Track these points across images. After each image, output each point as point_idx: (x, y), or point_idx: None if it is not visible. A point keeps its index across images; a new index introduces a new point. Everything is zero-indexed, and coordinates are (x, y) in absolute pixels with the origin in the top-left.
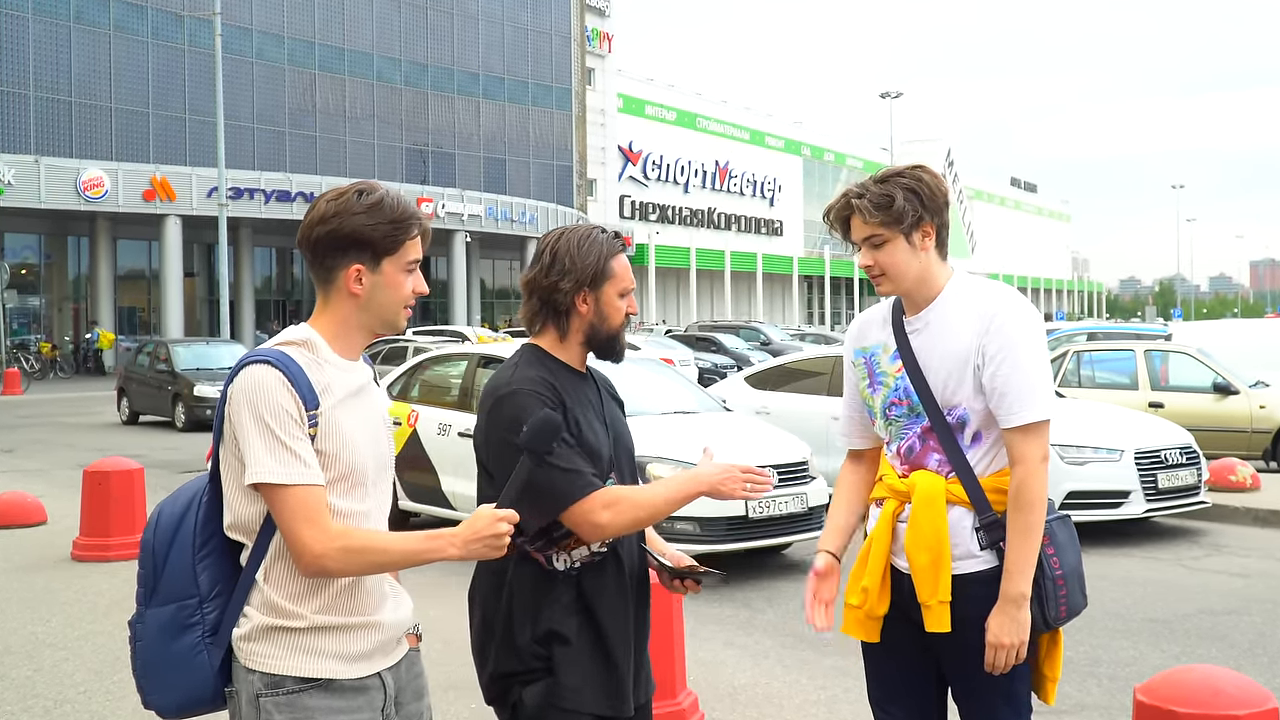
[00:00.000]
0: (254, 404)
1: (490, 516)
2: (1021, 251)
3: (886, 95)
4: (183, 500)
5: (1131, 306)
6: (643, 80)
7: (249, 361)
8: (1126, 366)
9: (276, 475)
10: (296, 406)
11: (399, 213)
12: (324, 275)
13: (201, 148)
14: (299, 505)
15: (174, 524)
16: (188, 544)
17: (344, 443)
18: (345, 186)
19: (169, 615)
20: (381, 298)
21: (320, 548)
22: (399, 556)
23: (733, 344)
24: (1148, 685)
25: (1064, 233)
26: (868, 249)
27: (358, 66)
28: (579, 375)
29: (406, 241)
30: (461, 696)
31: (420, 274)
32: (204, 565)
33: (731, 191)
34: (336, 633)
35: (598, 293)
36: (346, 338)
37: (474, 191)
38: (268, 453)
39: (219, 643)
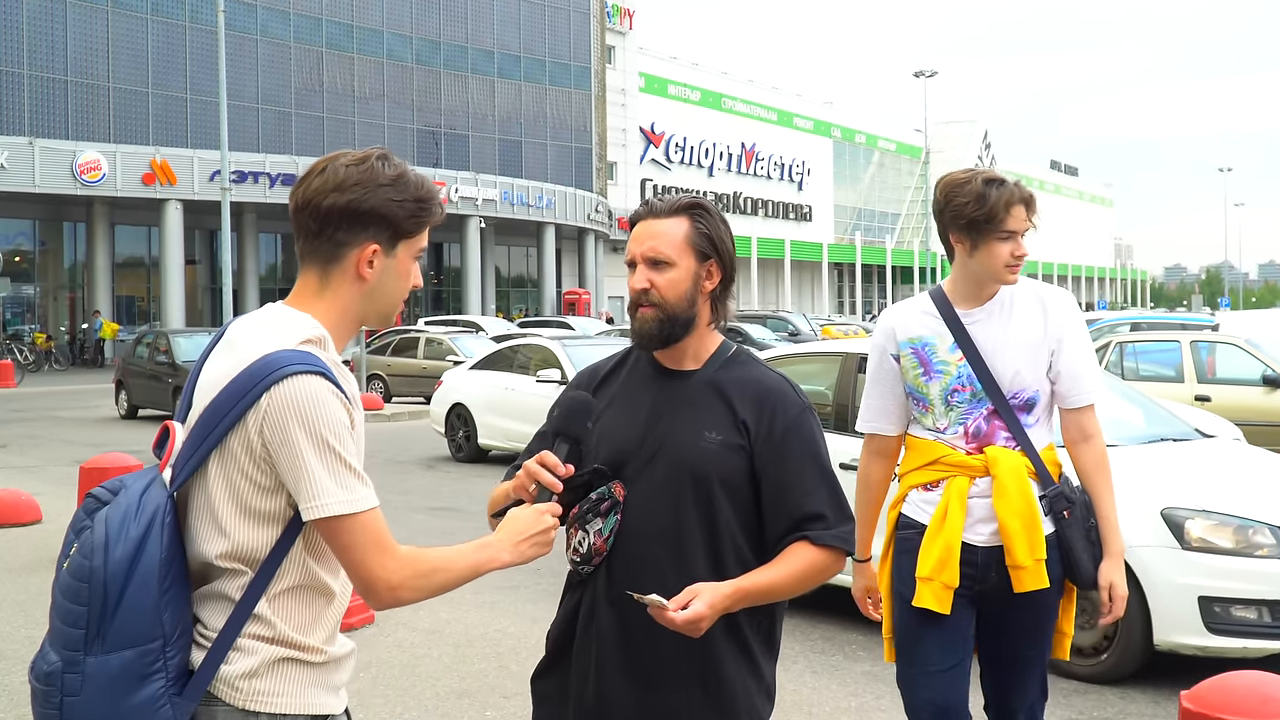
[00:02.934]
0: (311, 421)
1: (534, 512)
2: (1062, 238)
3: (921, 74)
4: (138, 519)
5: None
6: (665, 58)
7: (294, 370)
8: (1171, 358)
9: (346, 505)
10: (350, 420)
11: (424, 190)
12: (329, 251)
13: (203, 129)
14: (367, 533)
15: (132, 551)
16: (152, 576)
17: (360, 457)
18: (362, 152)
19: (124, 664)
20: (389, 286)
21: (397, 578)
22: (463, 571)
23: (759, 335)
24: (1194, 692)
25: (1106, 218)
26: (1019, 240)
27: (367, 44)
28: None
29: (428, 224)
30: (474, 705)
31: (418, 266)
32: (168, 601)
33: (758, 175)
34: (335, 665)
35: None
36: (343, 332)
37: (489, 175)
38: (332, 478)
39: (187, 695)
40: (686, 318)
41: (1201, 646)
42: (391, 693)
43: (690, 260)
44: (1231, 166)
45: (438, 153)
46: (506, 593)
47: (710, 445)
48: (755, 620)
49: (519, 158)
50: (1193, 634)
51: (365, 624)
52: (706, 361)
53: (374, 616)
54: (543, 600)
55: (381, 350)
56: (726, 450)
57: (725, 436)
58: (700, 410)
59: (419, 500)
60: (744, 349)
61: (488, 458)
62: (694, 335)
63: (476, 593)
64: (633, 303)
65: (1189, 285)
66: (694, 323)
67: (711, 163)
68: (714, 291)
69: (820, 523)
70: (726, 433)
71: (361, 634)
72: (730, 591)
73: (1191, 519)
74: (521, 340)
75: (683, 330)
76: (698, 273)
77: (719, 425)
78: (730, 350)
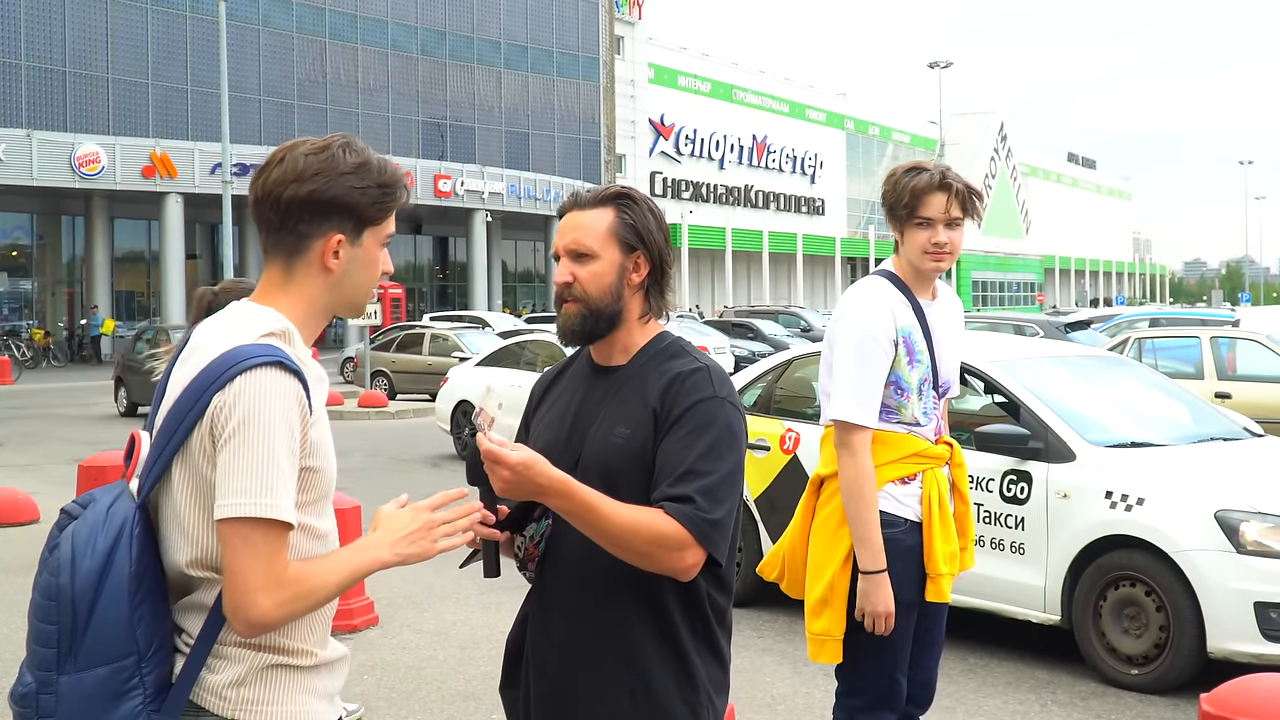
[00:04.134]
0: (264, 422)
1: (411, 510)
2: (1079, 232)
3: (935, 65)
4: (106, 532)
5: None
6: (675, 49)
7: (255, 363)
8: (1191, 354)
9: (258, 509)
10: (303, 425)
11: (388, 175)
12: (292, 244)
13: (204, 121)
14: (264, 546)
15: (100, 565)
16: (122, 590)
17: (327, 455)
18: (323, 139)
19: (99, 682)
20: (357, 276)
21: (270, 602)
22: (342, 581)
23: (771, 330)
24: (1215, 695)
25: (1124, 212)
26: (946, 228)
27: (371, 34)
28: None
29: (393, 210)
30: (481, 708)
31: (388, 252)
32: (141, 614)
33: (770, 168)
34: (327, 669)
35: None
36: (312, 324)
37: (495, 168)
38: (257, 480)
39: (166, 709)
40: (611, 311)
41: (1257, 654)
42: (396, 696)
43: (614, 252)
44: (1252, 159)
45: (443, 145)
46: (514, 594)
47: (617, 440)
48: (690, 621)
49: (526, 150)
50: (1248, 641)
51: (369, 625)
52: (634, 355)
53: (378, 618)
54: None
55: (386, 346)
56: (632, 444)
57: (633, 430)
58: (617, 406)
59: (424, 499)
60: (679, 341)
61: None
62: (622, 330)
63: (483, 593)
64: (557, 297)
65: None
66: (620, 316)
67: (722, 155)
68: (644, 284)
69: (683, 504)
70: (636, 426)
71: (365, 636)
72: (561, 479)
73: (1246, 521)
74: (529, 336)
75: (608, 325)
76: (623, 265)
77: (630, 420)
78: (664, 343)
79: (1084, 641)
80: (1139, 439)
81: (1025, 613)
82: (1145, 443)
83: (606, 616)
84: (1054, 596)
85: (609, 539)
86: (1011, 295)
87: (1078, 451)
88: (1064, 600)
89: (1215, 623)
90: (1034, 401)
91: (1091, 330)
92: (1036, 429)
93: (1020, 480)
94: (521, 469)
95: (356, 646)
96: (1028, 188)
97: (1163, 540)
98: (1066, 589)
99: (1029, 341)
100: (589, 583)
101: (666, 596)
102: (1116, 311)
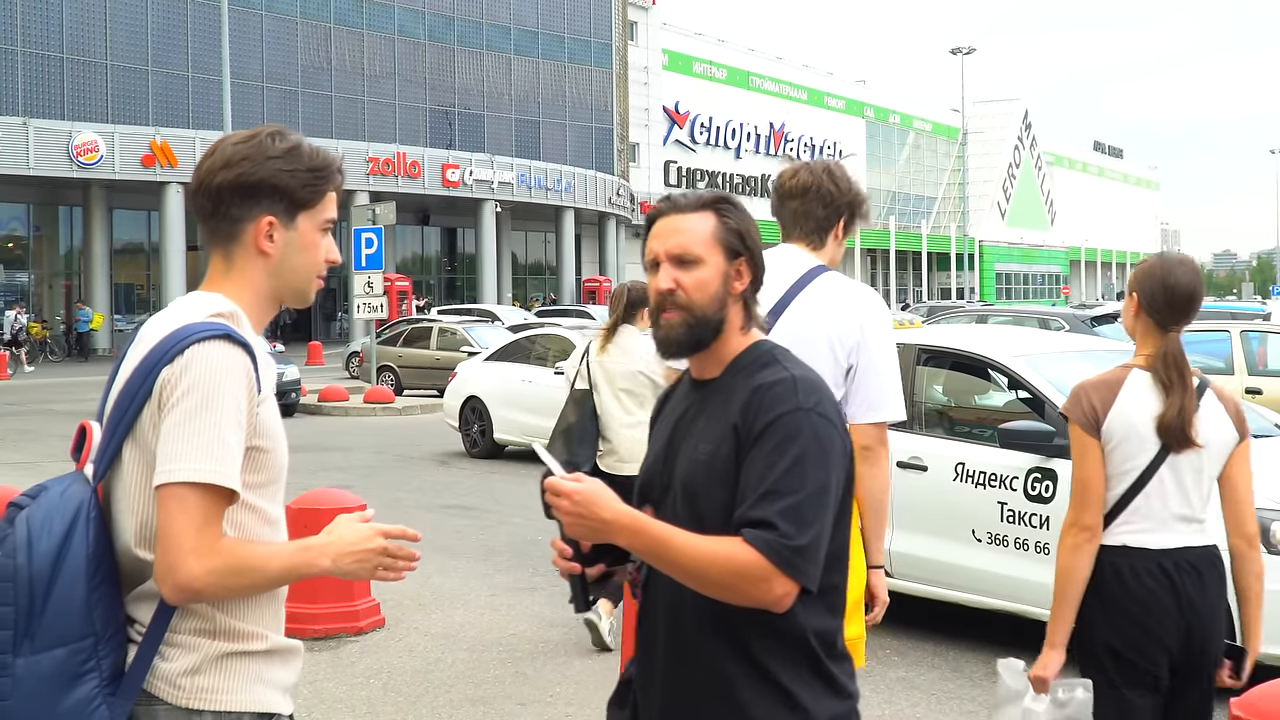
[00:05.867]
0: (211, 390)
1: (369, 529)
2: (1106, 222)
3: (958, 51)
4: (61, 514)
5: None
6: (690, 35)
7: (203, 335)
8: (1221, 349)
9: (197, 474)
10: (250, 401)
11: (319, 160)
12: (227, 229)
13: (206, 109)
14: (199, 511)
15: (57, 545)
16: (79, 571)
17: (278, 437)
18: (251, 130)
19: (55, 664)
20: (295, 260)
21: (201, 568)
22: (277, 573)
23: None
24: (1245, 699)
25: (1152, 202)
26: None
27: (377, 19)
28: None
29: (327, 193)
30: (490, 713)
31: (333, 240)
32: (98, 597)
33: (788, 156)
34: (280, 657)
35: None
36: (259, 310)
37: (504, 157)
38: (200, 449)
39: (122, 694)
40: (716, 321)
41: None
42: (403, 700)
43: (719, 258)
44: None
45: (451, 134)
46: (523, 595)
47: (700, 458)
48: (788, 653)
49: (536, 139)
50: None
51: (375, 627)
52: (727, 367)
53: (384, 620)
54: (560, 603)
55: (393, 341)
56: (714, 462)
57: (715, 447)
58: (705, 422)
59: (430, 498)
60: (774, 350)
61: (504, 453)
62: (722, 340)
63: (492, 594)
64: (656, 306)
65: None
66: (722, 326)
67: (738, 144)
68: (744, 292)
69: (764, 529)
70: (718, 442)
71: (371, 638)
72: (626, 513)
73: (1278, 521)
74: (539, 330)
75: (711, 335)
76: (727, 272)
77: (714, 436)
78: (756, 353)
79: None
80: None
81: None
82: None
83: (697, 652)
84: None
85: (687, 574)
86: (1036, 288)
87: None
88: None
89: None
90: (1059, 397)
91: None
92: (1061, 426)
93: (1045, 478)
94: (580, 501)
95: (362, 649)
96: (1053, 177)
97: None
98: None
99: (1054, 336)
100: (679, 613)
101: (749, 630)
102: None
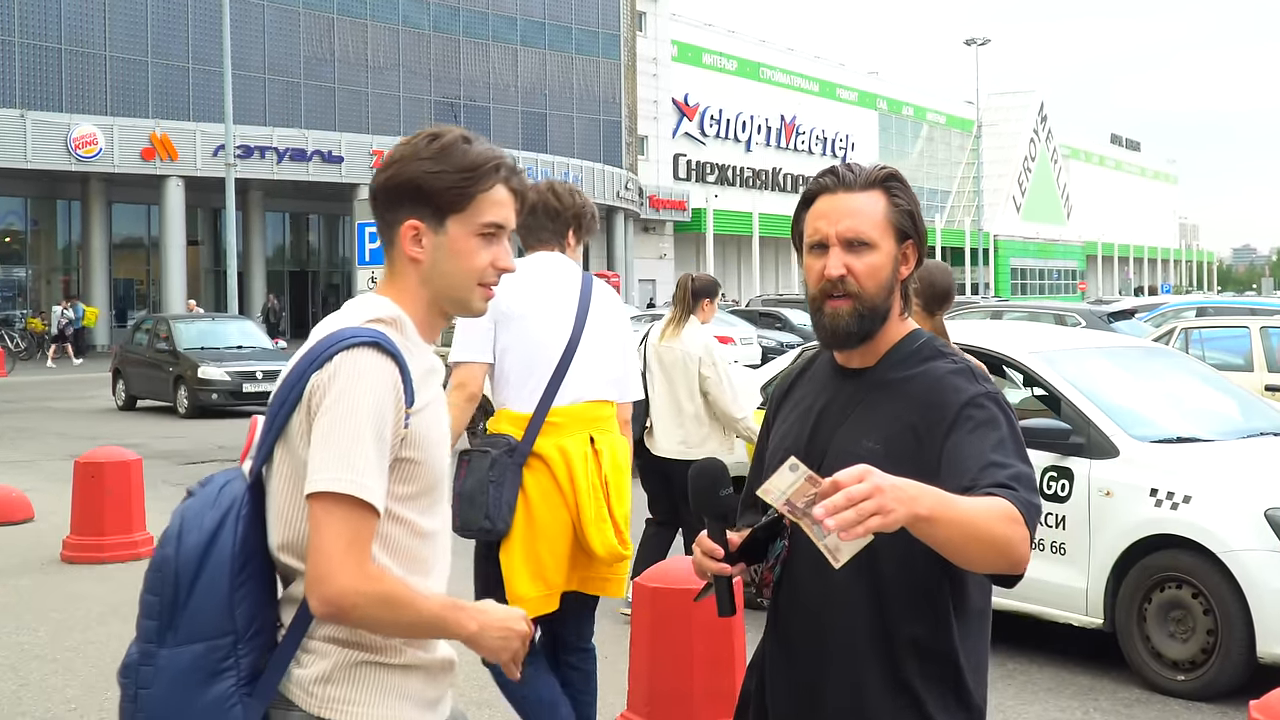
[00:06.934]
0: (355, 402)
1: (518, 615)
2: (1123, 217)
3: (972, 42)
4: (215, 509)
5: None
6: (700, 25)
7: (352, 342)
8: (1240, 345)
9: (340, 484)
10: (397, 411)
11: (469, 160)
12: (385, 233)
13: (206, 101)
14: (347, 524)
15: (205, 540)
16: (224, 567)
17: (434, 449)
18: (428, 129)
19: (194, 658)
20: (445, 267)
21: (352, 584)
22: (427, 618)
23: (800, 320)
24: (1265, 702)
25: (1170, 196)
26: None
27: (381, 10)
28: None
29: (479, 196)
30: (497, 716)
31: (506, 244)
32: (242, 595)
33: (799, 149)
34: (423, 673)
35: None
36: (425, 316)
37: (510, 150)
38: (340, 458)
39: (258, 695)
40: (884, 309)
41: None
42: None
43: (890, 242)
44: None
45: (456, 126)
46: None
47: (867, 455)
48: (930, 678)
49: (543, 131)
50: None
51: None
52: (884, 355)
53: None
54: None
55: None
56: (886, 461)
57: (886, 446)
58: (865, 415)
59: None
60: (932, 340)
61: None
62: (882, 329)
63: None
64: (820, 294)
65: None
66: (888, 314)
67: (749, 136)
68: (906, 279)
69: (1001, 489)
70: (888, 440)
71: None
72: (916, 488)
73: None
74: None
75: (879, 324)
76: (896, 256)
77: (881, 432)
78: (916, 343)
79: (1128, 646)
80: (1185, 434)
81: (1066, 616)
82: (1192, 438)
83: (841, 667)
84: (1096, 599)
85: (973, 532)
86: (1052, 283)
87: (1121, 447)
88: (1107, 602)
89: (1265, 626)
90: (1075, 394)
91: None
92: (1078, 423)
93: (1061, 477)
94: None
95: None
96: (1069, 171)
97: (1210, 540)
98: (1109, 591)
99: (1070, 332)
100: (825, 624)
101: (903, 649)
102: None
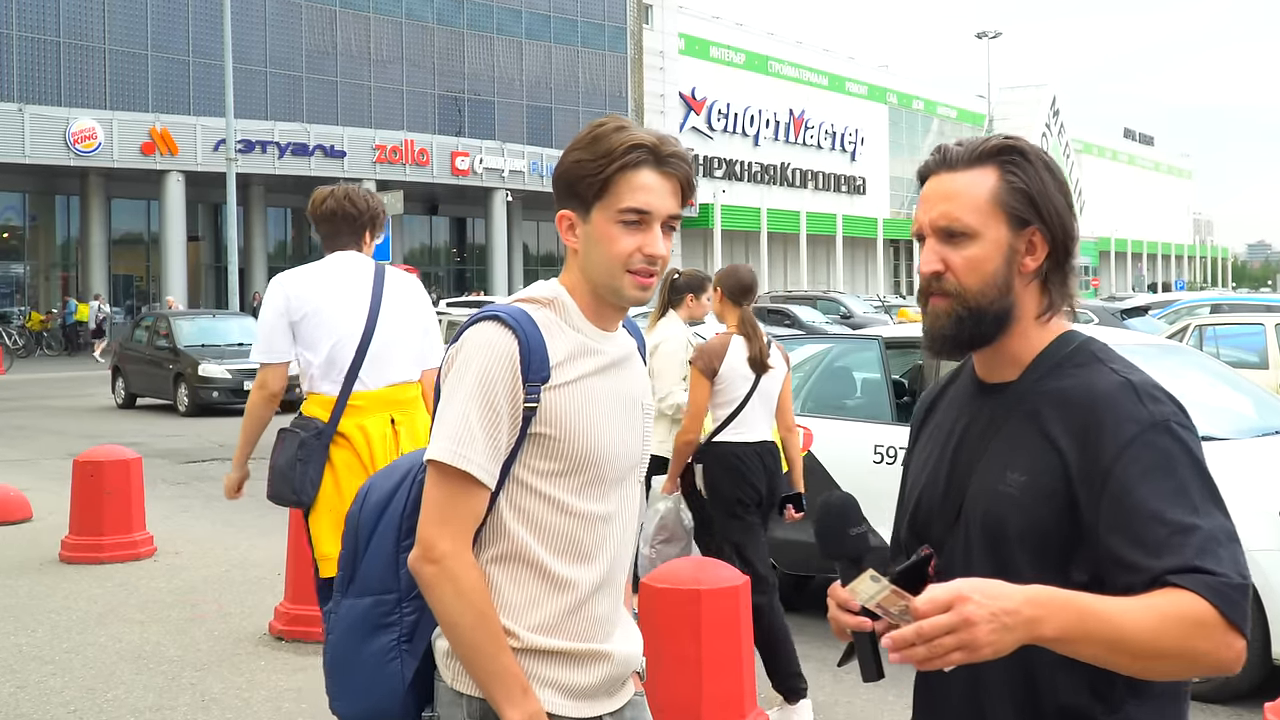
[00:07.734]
0: (465, 372)
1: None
2: (1136, 212)
3: (983, 35)
4: (396, 474)
5: (1261, 274)
6: (707, 18)
7: (480, 316)
8: (1255, 342)
9: (443, 454)
10: (513, 382)
11: (607, 145)
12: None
13: (207, 95)
14: (444, 490)
15: (383, 501)
16: (393, 527)
17: (576, 427)
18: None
19: (364, 610)
20: (594, 255)
21: (439, 542)
22: (483, 652)
23: (809, 317)
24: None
25: (1185, 191)
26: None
27: (384, 2)
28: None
29: (614, 179)
30: None
31: (657, 231)
32: (406, 556)
33: (808, 144)
34: (559, 659)
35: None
36: (594, 303)
37: (516, 144)
38: (449, 429)
39: (414, 651)
40: (998, 310)
41: None
42: None
43: (999, 229)
44: None
45: (460, 120)
46: None
47: (1010, 491)
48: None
49: (549, 125)
50: None
51: None
52: (1028, 368)
53: None
54: None
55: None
56: (1031, 496)
57: (1031, 477)
58: (1007, 441)
59: None
60: (1089, 344)
61: None
62: (1014, 333)
63: None
64: (921, 290)
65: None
66: (1009, 315)
67: (757, 131)
68: (1042, 269)
69: (1194, 574)
70: (1034, 472)
71: None
72: (1041, 605)
73: None
74: None
75: (994, 328)
76: (1012, 246)
77: (1024, 461)
78: (1068, 348)
79: None
80: (1199, 432)
81: None
82: (1206, 436)
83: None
84: None
85: (1131, 649)
86: None
87: None
88: None
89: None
90: None
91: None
92: None
93: None
94: (969, 603)
95: None
96: (1082, 166)
97: None
98: None
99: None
100: (958, 670)
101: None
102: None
